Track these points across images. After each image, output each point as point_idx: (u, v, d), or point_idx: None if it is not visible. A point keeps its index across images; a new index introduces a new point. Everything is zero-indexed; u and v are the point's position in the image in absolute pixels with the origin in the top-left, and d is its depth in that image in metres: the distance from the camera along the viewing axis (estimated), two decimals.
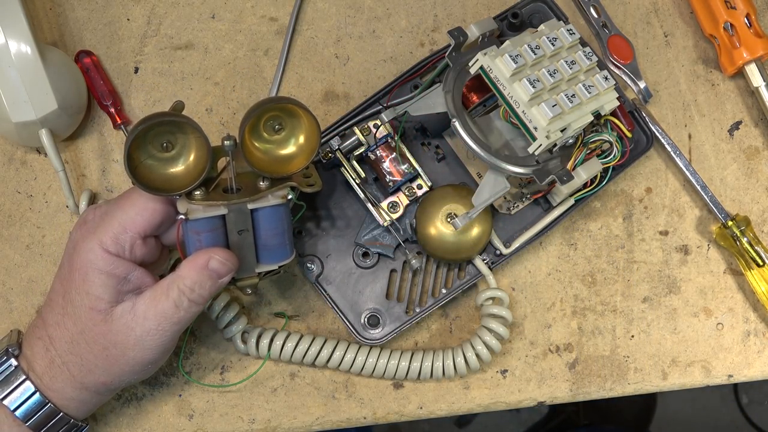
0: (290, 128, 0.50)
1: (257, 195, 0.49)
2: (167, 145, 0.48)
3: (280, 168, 0.50)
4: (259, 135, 0.50)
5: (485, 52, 0.51)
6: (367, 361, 0.56)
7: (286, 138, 0.50)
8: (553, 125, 0.50)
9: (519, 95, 0.50)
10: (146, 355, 0.49)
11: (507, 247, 0.57)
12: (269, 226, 0.50)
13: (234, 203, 0.48)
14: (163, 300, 0.48)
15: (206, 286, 0.48)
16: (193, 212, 0.48)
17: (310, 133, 0.50)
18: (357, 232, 0.57)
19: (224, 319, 0.56)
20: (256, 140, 0.50)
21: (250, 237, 0.50)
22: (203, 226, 0.48)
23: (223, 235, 0.49)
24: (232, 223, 0.49)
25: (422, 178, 0.56)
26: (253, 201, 0.49)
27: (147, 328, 0.48)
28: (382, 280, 0.57)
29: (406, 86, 0.58)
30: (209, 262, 0.48)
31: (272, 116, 0.49)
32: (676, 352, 0.59)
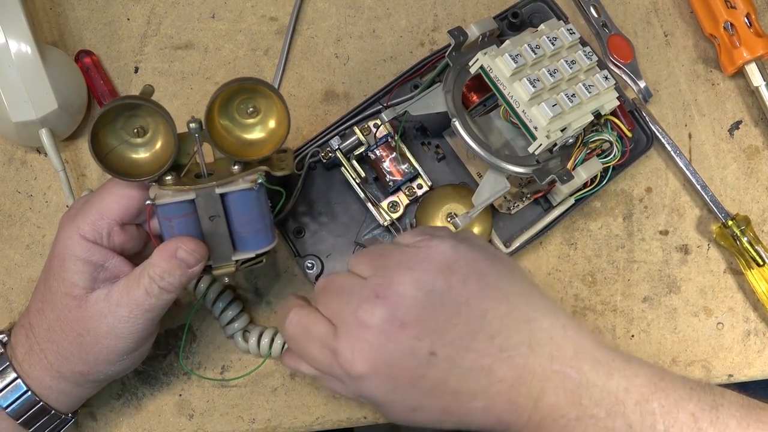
0: (264, 112, 0.50)
1: (226, 179, 0.48)
2: (139, 130, 0.48)
3: (249, 152, 0.49)
4: (231, 117, 0.49)
5: (485, 52, 0.51)
6: None
7: (259, 122, 0.50)
8: (553, 125, 0.50)
9: (519, 95, 0.50)
10: (119, 343, 0.49)
11: (507, 247, 0.57)
12: (242, 212, 0.49)
13: (201, 187, 0.48)
14: (135, 287, 0.48)
15: (176, 275, 0.47)
16: (161, 197, 0.47)
17: (281, 118, 0.49)
18: (357, 231, 0.57)
19: (226, 316, 0.56)
20: (227, 121, 0.49)
21: (223, 223, 0.49)
22: (173, 212, 0.48)
23: (195, 221, 0.48)
24: (203, 208, 0.48)
25: (422, 177, 0.56)
26: (221, 185, 0.48)
27: (119, 316, 0.48)
28: None
29: (406, 86, 0.58)
30: (177, 251, 0.47)
31: (245, 98, 0.49)
32: (676, 351, 0.59)
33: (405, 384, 0.43)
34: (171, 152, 0.48)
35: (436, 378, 0.43)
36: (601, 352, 0.45)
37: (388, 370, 0.43)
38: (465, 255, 0.45)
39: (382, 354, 0.43)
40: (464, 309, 0.44)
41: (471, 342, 0.43)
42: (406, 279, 0.44)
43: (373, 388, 0.44)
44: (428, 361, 0.43)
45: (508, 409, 0.43)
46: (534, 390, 0.43)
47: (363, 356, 0.43)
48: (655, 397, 0.43)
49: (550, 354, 0.44)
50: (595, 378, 0.44)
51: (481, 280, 0.45)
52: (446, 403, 0.44)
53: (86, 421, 0.57)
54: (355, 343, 0.43)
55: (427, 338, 0.43)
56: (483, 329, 0.43)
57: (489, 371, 0.43)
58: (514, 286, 0.46)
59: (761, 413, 0.44)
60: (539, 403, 0.43)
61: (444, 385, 0.43)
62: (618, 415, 0.43)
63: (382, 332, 0.43)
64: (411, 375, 0.43)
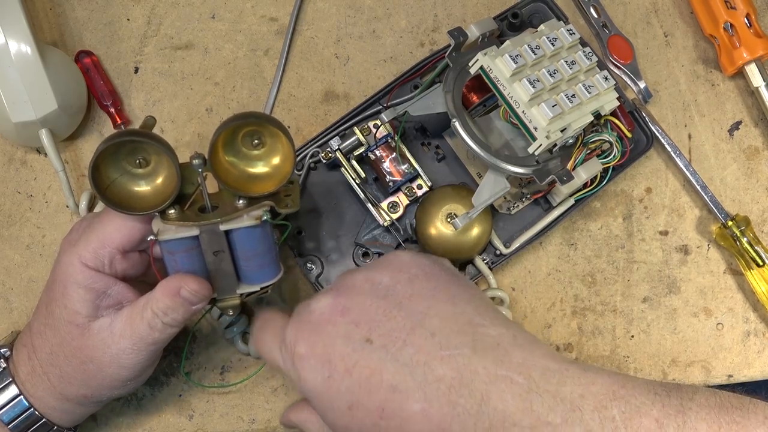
0: (269, 146, 0.49)
1: (231, 215, 0.47)
2: (141, 161, 0.47)
3: (254, 187, 0.48)
4: (237, 150, 0.48)
5: (485, 52, 0.51)
6: None
7: (263, 155, 0.49)
8: (553, 125, 0.50)
9: (519, 95, 0.50)
10: (123, 372, 0.49)
11: (507, 247, 0.57)
12: (246, 248, 0.48)
13: (206, 224, 0.47)
14: (138, 321, 0.47)
15: (179, 312, 0.47)
16: (164, 232, 0.47)
17: (287, 153, 0.48)
18: (357, 232, 0.57)
19: (226, 319, 0.56)
20: (231, 155, 0.48)
21: (228, 258, 0.48)
22: (176, 247, 0.47)
23: (199, 255, 0.48)
24: (207, 243, 0.47)
25: (422, 178, 0.56)
26: (225, 222, 0.47)
27: (122, 347, 0.48)
28: None
29: (406, 86, 0.58)
30: (181, 290, 0.47)
31: (251, 131, 0.48)
32: (676, 352, 0.59)
33: (341, 372, 0.42)
34: (173, 187, 0.47)
35: (372, 368, 0.42)
36: (554, 361, 0.43)
37: (325, 351, 0.43)
38: (421, 261, 0.46)
39: (319, 334, 0.43)
40: (406, 303, 0.43)
41: (409, 336, 0.42)
42: (358, 275, 0.45)
43: (311, 372, 0.43)
44: (362, 347, 0.42)
45: (449, 414, 0.41)
46: (477, 393, 0.41)
47: (303, 336, 0.43)
48: (614, 404, 0.41)
49: (495, 358, 0.42)
50: (546, 384, 0.41)
51: (429, 281, 0.45)
52: (382, 401, 0.42)
53: (86, 421, 0.57)
54: (299, 325, 0.44)
55: (365, 325, 0.43)
56: (423, 325, 0.43)
57: (426, 367, 0.41)
58: (466, 293, 0.45)
59: (734, 413, 0.42)
60: (484, 408, 0.41)
61: (379, 378, 0.42)
62: (575, 422, 0.40)
63: (323, 315, 0.44)
64: (346, 361, 0.42)
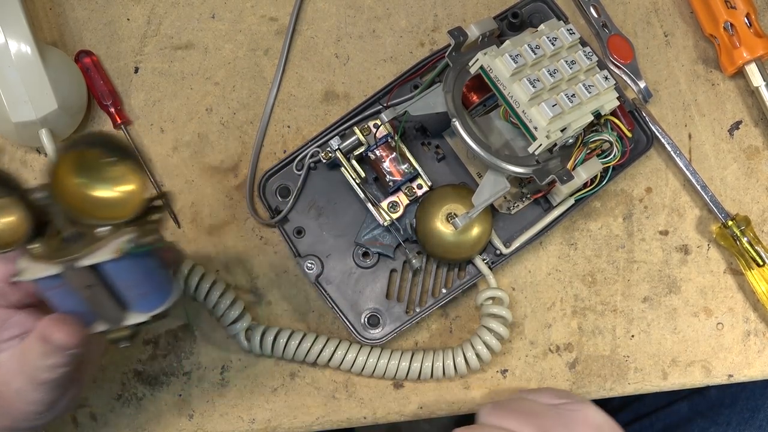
0: (121, 168, 0.43)
1: (91, 248, 0.42)
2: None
3: (110, 213, 0.43)
4: (88, 170, 0.43)
5: (485, 52, 0.51)
6: (367, 361, 0.56)
7: (118, 178, 0.43)
8: (553, 125, 0.50)
9: (519, 95, 0.50)
10: (34, 407, 0.46)
11: (507, 247, 0.57)
12: (119, 279, 0.43)
13: (66, 260, 0.42)
14: (26, 361, 0.44)
15: (56, 357, 0.43)
16: (24, 272, 0.42)
17: (138, 179, 0.43)
18: (357, 232, 0.57)
19: (229, 316, 0.56)
20: (83, 178, 0.43)
21: (102, 290, 0.43)
22: (45, 284, 0.43)
23: (70, 292, 0.43)
24: (74, 280, 0.42)
25: (422, 177, 0.56)
26: (84, 257, 0.42)
27: (21, 385, 0.45)
28: (382, 279, 0.57)
29: (406, 86, 0.58)
30: (51, 336, 0.43)
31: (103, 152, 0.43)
32: (676, 351, 0.59)
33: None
34: (26, 227, 0.42)
35: None
36: None
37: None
38: (607, 419, 0.52)
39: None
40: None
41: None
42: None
43: None
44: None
45: None
46: None
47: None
48: None
49: None
50: None
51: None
52: None
53: (86, 421, 0.57)
54: None
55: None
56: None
57: None
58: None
59: None
60: None
61: None
62: None
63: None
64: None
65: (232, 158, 0.60)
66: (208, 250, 0.59)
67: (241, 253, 0.59)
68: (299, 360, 0.57)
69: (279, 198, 0.58)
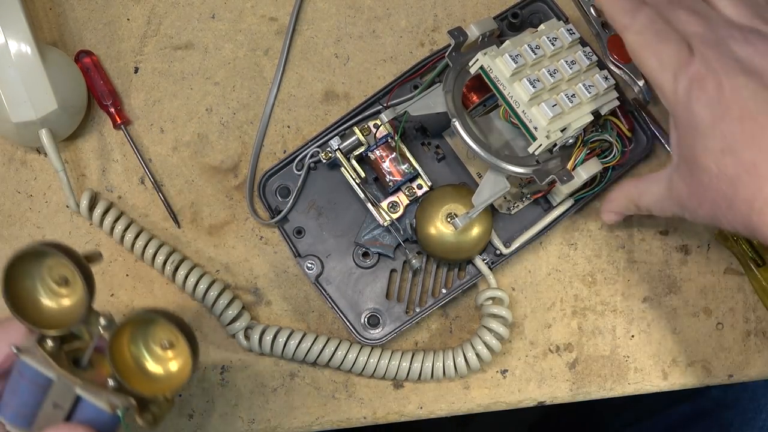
0: (176, 350, 0.45)
1: (93, 385, 0.43)
2: (60, 281, 0.44)
3: (137, 382, 0.44)
4: (143, 340, 0.44)
5: (485, 52, 0.51)
6: (368, 361, 0.56)
7: (167, 357, 0.45)
8: (553, 125, 0.50)
9: (519, 95, 0.50)
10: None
11: (507, 247, 0.57)
12: (86, 420, 0.44)
13: (66, 376, 0.43)
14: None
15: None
16: (27, 353, 0.43)
17: (186, 361, 0.44)
18: (357, 232, 0.57)
19: (227, 315, 0.56)
20: (135, 343, 0.44)
21: (62, 416, 0.44)
22: (30, 374, 0.43)
23: (41, 396, 0.44)
24: (55, 393, 0.43)
25: (422, 178, 0.56)
26: (83, 388, 0.43)
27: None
28: (382, 280, 0.57)
29: (406, 86, 0.58)
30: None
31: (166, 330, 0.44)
32: (676, 352, 0.59)
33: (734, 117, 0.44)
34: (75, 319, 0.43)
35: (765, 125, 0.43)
36: None
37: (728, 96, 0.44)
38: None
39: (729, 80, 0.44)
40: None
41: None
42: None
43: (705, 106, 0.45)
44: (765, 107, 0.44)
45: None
46: None
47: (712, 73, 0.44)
48: None
49: None
50: None
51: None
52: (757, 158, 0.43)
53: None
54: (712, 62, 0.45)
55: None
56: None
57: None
58: None
59: None
60: None
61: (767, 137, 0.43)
62: None
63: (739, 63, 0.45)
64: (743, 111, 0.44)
65: (232, 158, 0.60)
66: (208, 250, 0.59)
67: (241, 253, 0.59)
68: (299, 360, 0.57)
69: (279, 198, 0.58)
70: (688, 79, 0.45)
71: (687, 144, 0.46)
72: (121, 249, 0.59)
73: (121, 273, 0.59)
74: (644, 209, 0.53)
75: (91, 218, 0.58)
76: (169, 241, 0.59)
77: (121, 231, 0.57)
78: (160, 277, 0.58)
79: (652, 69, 0.47)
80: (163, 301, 0.58)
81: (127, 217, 0.58)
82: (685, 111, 0.46)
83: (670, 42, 0.47)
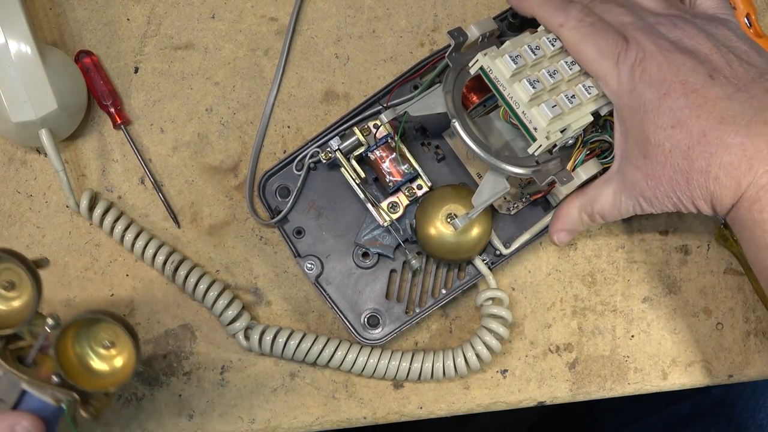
0: (120, 350, 0.47)
1: (37, 380, 0.45)
2: (8, 284, 0.46)
3: (89, 382, 0.47)
4: (86, 340, 0.47)
5: (485, 53, 0.51)
6: (367, 361, 0.56)
7: (110, 355, 0.47)
8: (553, 126, 0.50)
9: (519, 96, 0.50)
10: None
11: (507, 248, 0.57)
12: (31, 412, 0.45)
13: (11, 372, 0.45)
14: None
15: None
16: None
17: (129, 356, 0.47)
18: (357, 232, 0.57)
19: (227, 315, 0.56)
20: (79, 348, 0.47)
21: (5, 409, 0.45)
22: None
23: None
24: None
25: (422, 178, 0.56)
26: (29, 382, 0.45)
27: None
28: (382, 280, 0.57)
29: (406, 86, 0.58)
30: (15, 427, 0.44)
31: (106, 330, 0.47)
32: (676, 352, 0.59)
33: (678, 93, 0.46)
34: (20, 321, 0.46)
35: (707, 97, 0.46)
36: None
37: (669, 74, 0.47)
38: None
39: (669, 59, 0.47)
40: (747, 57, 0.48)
41: (748, 84, 0.47)
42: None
43: (649, 87, 0.47)
44: (704, 80, 0.46)
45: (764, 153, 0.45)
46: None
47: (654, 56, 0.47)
48: None
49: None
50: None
51: None
52: (706, 128, 0.46)
53: (86, 421, 0.57)
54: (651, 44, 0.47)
55: (710, 66, 0.47)
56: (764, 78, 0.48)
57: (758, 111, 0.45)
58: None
59: None
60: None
61: (712, 107, 0.46)
62: None
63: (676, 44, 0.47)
64: (685, 86, 0.46)
65: (232, 158, 0.60)
66: (208, 250, 0.59)
67: (241, 253, 0.59)
68: (299, 360, 0.57)
69: (279, 198, 0.58)
70: (629, 65, 0.48)
71: (636, 128, 0.48)
72: (121, 249, 0.59)
73: (121, 273, 0.59)
74: (598, 216, 0.53)
75: (91, 218, 0.58)
76: (169, 241, 0.59)
77: (121, 231, 0.57)
78: (160, 277, 0.58)
79: (592, 60, 0.49)
80: (163, 301, 0.58)
81: (127, 217, 0.58)
82: (630, 95, 0.48)
83: (607, 32, 0.49)
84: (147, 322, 0.58)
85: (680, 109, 0.46)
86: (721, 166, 0.45)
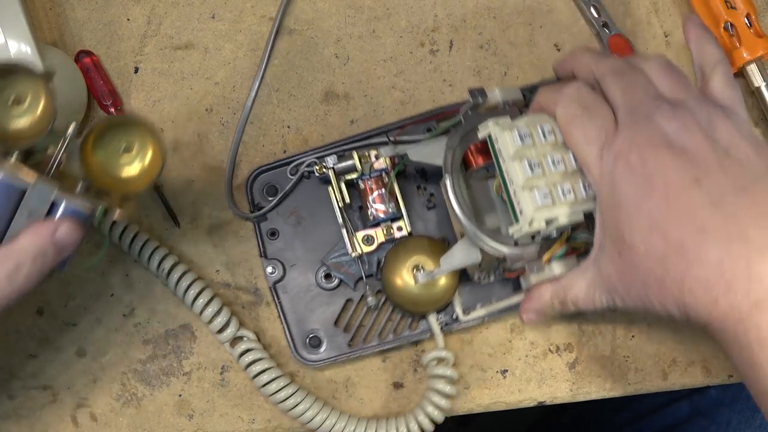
0: (138, 149, 0.48)
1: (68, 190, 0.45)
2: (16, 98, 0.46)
3: (112, 184, 0.47)
4: (106, 150, 0.47)
5: (497, 122, 0.49)
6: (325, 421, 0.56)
7: (133, 160, 0.48)
8: (539, 214, 0.48)
9: (515, 174, 0.48)
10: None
11: (465, 314, 0.56)
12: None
13: (44, 182, 0.44)
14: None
15: (48, 258, 0.43)
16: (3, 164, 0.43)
17: (156, 154, 0.47)
18: (327, 252, 0.57)
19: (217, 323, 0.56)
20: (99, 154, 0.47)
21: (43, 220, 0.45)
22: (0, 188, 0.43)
23: (10, 212, 0.44)
24: (28, 203, 0.44)
25: (404, 221, 0.55)
26: (63, 192, 0.44)
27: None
28: (336, 305, 0.57)
29: (420, 126, 0.57)
30: (57, 230, 0.43)
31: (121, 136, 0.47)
32: (676, 352, 0.59)
33: (660, 196, 0.43)
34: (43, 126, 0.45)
35: (690, 204, 0.43)
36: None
37: (654, 171, 0.44)
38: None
39: (655, 155, 0.44)
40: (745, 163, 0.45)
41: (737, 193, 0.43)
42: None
43: (630, 183, 0.44)
44: (690, 184, 0.43)
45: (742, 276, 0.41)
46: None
47: (640, 148, 0.44)
48: None
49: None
50: None
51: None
52: (684, 237, 0.42)
53: (86, 421, 0.58)
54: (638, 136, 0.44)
55: (699, 168, 0.44)
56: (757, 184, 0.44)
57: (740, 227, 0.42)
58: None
59: None
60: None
61: (693, 216, 0.42)
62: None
63: (665, 138, 0.44)
64: (669, 189, 0.43)
65: None
66: (208, 250, 0.59)
67: (241, 253, 0.59)
68: None
69: (265, 195, 0.57)
70: (613, 154, 0.45)
71: (613, 223, 0.46)
72: (121, 249, 0.59)
73: (121, 273, 0.59)
74: (571, 304, 0.50)
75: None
76: (168, 241, 0.59)
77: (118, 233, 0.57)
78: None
79: (577, 144, 0.47)
80: (163, 301, 0.58)
81: None
82: (609, 188, 0.45)
83: (596, 116, 0.46)
84: (147, 322, 0.58)
85: (660, 213, 0.43)
86: (696, 280, 0.42)
